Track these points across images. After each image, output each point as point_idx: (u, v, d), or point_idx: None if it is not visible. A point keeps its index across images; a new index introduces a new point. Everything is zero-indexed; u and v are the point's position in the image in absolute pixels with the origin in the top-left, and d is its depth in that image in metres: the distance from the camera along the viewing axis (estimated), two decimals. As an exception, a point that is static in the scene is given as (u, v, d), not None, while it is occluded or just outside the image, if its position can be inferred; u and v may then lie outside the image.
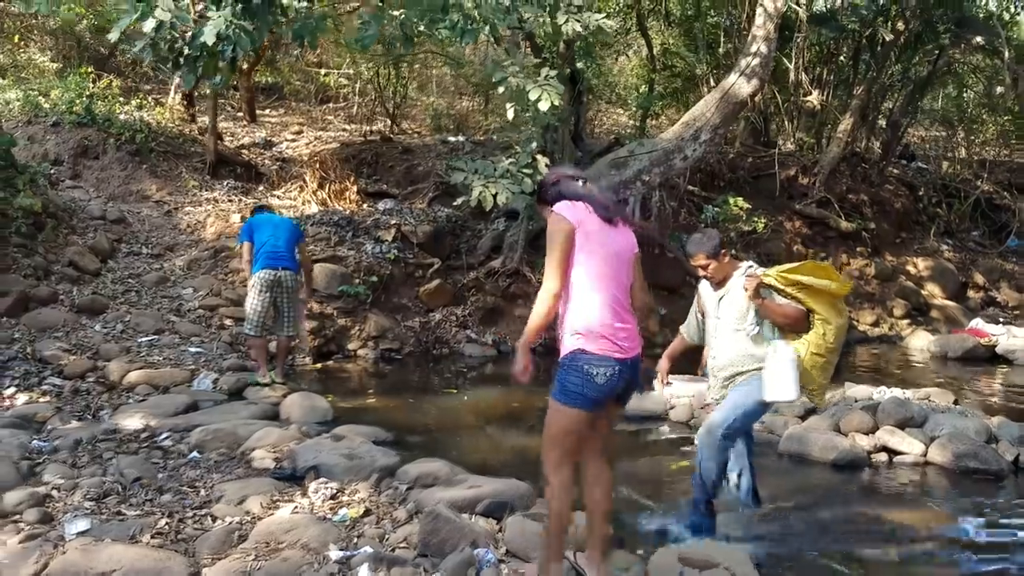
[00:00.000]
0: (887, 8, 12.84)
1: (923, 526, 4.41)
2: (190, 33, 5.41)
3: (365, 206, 10.75)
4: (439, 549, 3.55)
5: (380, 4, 7.05)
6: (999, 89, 14.52)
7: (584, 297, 2.87)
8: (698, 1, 13.80)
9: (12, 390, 5.94)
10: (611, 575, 3.20)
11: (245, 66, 11.64)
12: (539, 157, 8.78)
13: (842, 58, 14.19)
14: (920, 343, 10.65)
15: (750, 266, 4.11)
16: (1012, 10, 14.29)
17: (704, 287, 4.25)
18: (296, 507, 4.08)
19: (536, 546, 3.50)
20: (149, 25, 5.13)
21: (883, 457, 5.52)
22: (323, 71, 14.79)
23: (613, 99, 17.05)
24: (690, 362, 4.78)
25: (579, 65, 11.03)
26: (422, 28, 7.03)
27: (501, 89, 7.83)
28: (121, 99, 11.97)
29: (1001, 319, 11.29)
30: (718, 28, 13.75)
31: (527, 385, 3.19)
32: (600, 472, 3.19)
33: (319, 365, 8.15)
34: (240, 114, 13.64)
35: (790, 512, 4.56)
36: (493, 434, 6.23)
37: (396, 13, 6.93)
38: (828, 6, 14.61)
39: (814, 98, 13.33)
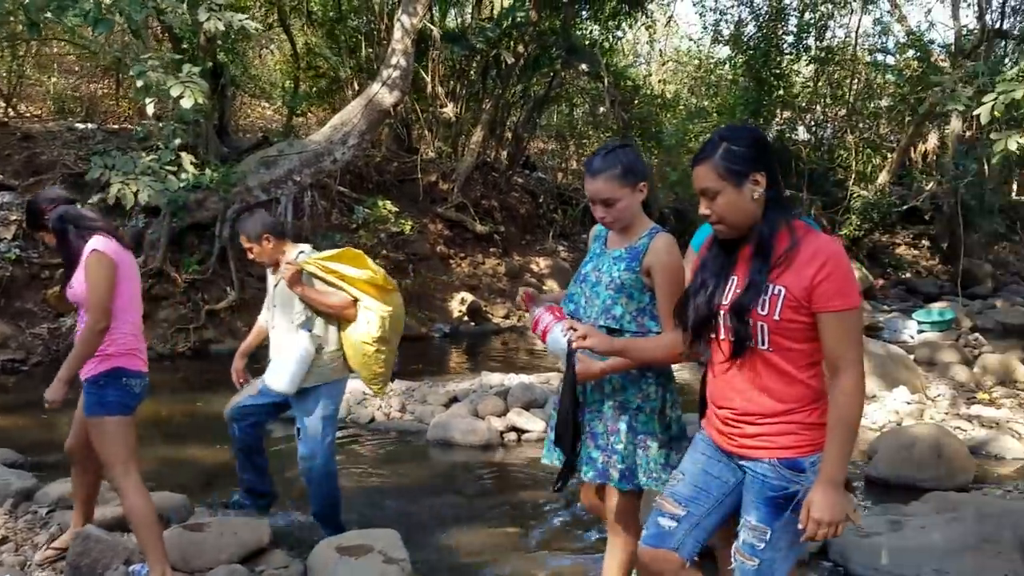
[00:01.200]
0: (509, 32, 14.07)
1: (541, 499, 5.02)
2: None
3: (-25, 200, 9.47)
4: (91, 570, 3.48)
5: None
6: (602, 109, 16.81)
7: (119, 324, 3.28)
8: (339, 4, 14.11)
9: None
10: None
11: None
12: (184, 155, 8.50)
13: (473, 74, 15.28)
14: (542, 333, 12.09)
15: (301, 252, 3.85)
16: (611, 39, 16.63)
17: (269, 273, 4.00)
18: (-89, 543, 3.70)
19: (193, 555, 3.57)
20: None
21: (513, 436, 6.17)
22: (-91, 44, 12.54)
23: (258, 93, 16.73)
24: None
25: (222, 58, 10.79)
26: (48, 15, 6.50)
27: (140, 83, 7.45)
28: None
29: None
30: (359, 33, 14.14)
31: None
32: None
33: (-82, 383, 7.14)
34: None
35: (430, 493, 5.02)
36: (143, 448, 5.96)
37: (18, -5, 6.35)
38: (459, 25, 15.76)
39: (449, 110, 14.36)
